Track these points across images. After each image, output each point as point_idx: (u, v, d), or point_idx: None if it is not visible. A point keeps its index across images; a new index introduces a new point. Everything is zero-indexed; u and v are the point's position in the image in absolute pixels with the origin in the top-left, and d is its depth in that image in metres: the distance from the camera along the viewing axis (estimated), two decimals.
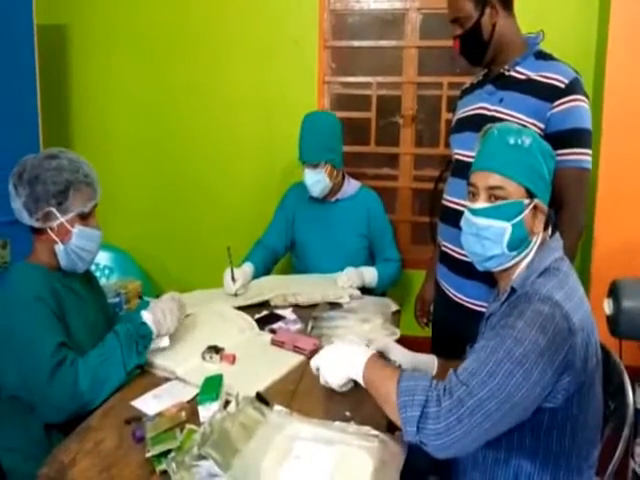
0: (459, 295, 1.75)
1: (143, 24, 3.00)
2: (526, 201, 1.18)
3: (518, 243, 1.19)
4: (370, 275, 2.25)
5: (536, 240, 1.20)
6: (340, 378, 1.27)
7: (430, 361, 1.40)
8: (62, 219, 1.48)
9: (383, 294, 2.32)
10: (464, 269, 1.60)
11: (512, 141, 1.19)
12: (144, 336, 1.51)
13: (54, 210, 1.47)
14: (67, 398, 1.36)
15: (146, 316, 1.53)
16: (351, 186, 2.42)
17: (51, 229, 1.49)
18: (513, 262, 1.21)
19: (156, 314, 1.55)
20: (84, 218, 1.52)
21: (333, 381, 1.29)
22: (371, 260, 2.40)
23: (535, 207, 1.19)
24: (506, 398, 1.01)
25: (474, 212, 1.22)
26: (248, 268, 2.21)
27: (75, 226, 1.50)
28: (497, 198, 1.18)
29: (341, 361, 1.25)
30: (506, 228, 1.17)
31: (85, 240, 1.52)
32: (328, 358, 1.28)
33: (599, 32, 2.43)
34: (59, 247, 1.50)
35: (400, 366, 1.34)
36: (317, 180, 2.28)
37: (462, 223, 1.28)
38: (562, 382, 1.06)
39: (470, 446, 1.05)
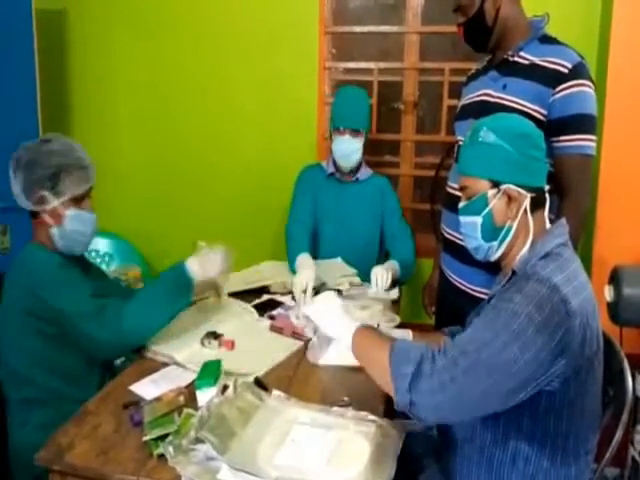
0: (462, 282, 1.74)
1: (143, 8, 2.97)
2: (490, 192, 1.20)
3: (491, 233, 1.22)
4: (394, 269, 2.12)
5: (517, 225, 1.19)
6: (327, 328, 1.29)
7: (405, 334, 1.42)
8: (55, 203, 1.49)
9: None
10: (466, 256, 1.59)
11: (469, 140, 1.24)
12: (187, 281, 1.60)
13: (47, 194, 1.48)
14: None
15: (190, 261, 1.62)
16: (366, 170, 2.40)
17: (45, 212, 1.50)
18: (501, 251, 1.23)
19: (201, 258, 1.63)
20: (78, 201, 1.53)
21: (324, 328, 1.30)
22: (380, 245, 2.38)
23: (506, 194, 1.18)
24: (499, 367, 1.02)
25: (458, 212, 1.29)
26: (307, 259, 2.11)
27: (69, 209, 1.51)
28: (469, 197, 1.24)
29: (333, 318, 1.27)
30: (477, 221, 1.22)
31: (79, 223, 1.53)
32: (321, 310, 1.31)
33: (602, 16, 2.40)
34: (54, 230, 1.51)
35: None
36: (356, 149, 2.25)
37: None
38: (558, 365, 1.04)
39: (461, 412, 1.06)
